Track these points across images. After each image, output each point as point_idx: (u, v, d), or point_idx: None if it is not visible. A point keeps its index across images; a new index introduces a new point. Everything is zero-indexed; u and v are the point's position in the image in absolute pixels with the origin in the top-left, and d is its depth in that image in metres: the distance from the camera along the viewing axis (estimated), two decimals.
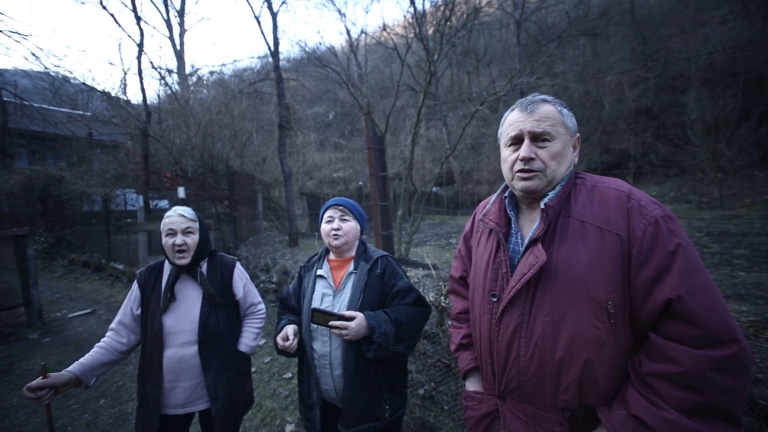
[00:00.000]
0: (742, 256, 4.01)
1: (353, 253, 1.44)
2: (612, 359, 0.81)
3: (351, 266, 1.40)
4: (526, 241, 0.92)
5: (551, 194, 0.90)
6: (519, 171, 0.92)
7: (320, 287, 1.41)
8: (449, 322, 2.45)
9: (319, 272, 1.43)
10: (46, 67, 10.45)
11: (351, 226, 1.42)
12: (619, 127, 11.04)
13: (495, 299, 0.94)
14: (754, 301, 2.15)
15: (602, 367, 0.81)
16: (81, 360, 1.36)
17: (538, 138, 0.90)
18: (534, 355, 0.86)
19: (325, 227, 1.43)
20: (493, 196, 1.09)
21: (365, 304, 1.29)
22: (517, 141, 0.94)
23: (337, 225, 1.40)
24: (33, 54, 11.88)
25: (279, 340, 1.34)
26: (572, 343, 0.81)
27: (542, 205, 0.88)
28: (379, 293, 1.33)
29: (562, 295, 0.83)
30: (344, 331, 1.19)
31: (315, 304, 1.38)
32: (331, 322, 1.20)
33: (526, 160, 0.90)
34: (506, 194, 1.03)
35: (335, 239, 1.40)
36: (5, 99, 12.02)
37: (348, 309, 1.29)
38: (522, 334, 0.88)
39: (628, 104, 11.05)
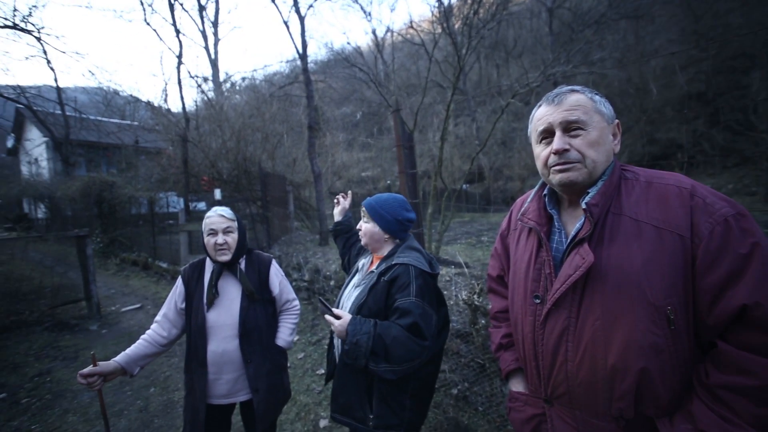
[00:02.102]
0: None
1: (385, 252, 1.43)
2: (672, 368, 0.75)
3: (375, 265, 1.41)
4: (569, 240, 0.86)
5: (592, 191, 0.83)
6: (554, 165, 0.86)
7: (356, 277, 1.49)
8: (482, 321, 2.39)
9: (361, 263, 1.51)
10: (100, 83, 11.45)
11: (368, 227, 1.42)
12: (665, 116, 10.20)
13: (538, 301, 0.89)
14: None
15: (661, 375, 0.75)
16: (126, 351, 1.47)
17: (570, 128, 0.85)
18: (583, 361, 0.80)
19: None
20: (531, 193, 1.03)
21: (365, 308, 1.27)
22: (548, 134, 0.89)
23: (360, 225, 1.47)
24: (90, 71, 13.05)
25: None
26: (627, 350, 0.75)
27: (583, 205, 0.82)
28: (381, 301, 1.26)
29: (614, 298, 0.77)
30: (332, 327, 1.23)
31: (346, 291, 1.45)
32: (326, 316, 1.25)
33: (560, 152, 0.84)
34: (545, 191, 0.97)
35: (361, 239, 1.47)
36: (67, 114, 13.31)
37: (352, 306, 1.31)
38: (569, 338, 0.83)
39: (676, 90, 10.16)
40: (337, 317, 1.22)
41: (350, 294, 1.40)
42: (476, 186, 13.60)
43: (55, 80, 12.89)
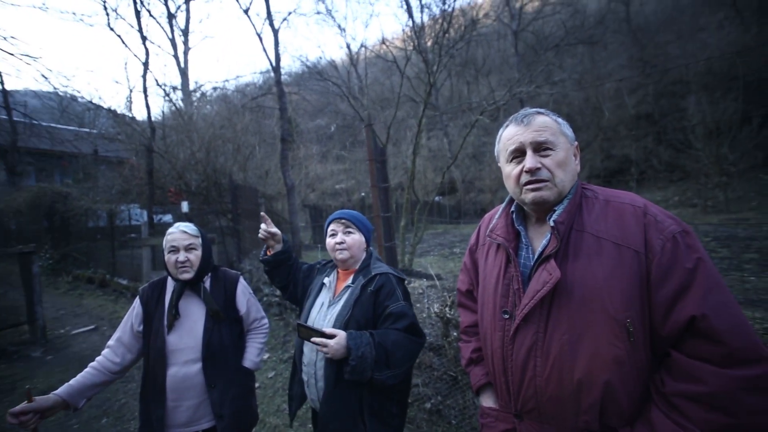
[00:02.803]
0: (752, 260, 3.95)
1: (358, 265, 1.42)
2: (633, 379, 0.79)
3: (350, 279, 1.38)
4: (536, 256, 0.90)
5: (559, 209, 0.88)
6: (527, 183, 0.90)
7: (322, 295, 1.42)
8: (455, 333, 2.41)
9: (326, 280, 1.44)
10: (55, 87, 10.71)
11: (355, 239, 1.40)
12: (619, 133, 11.07)
13: (507, 316, 0.92)
14: (767, 308, 2.10)
15: (623, 387, 0.78)
16: (70, 382, 1.32)
17: (540, 148, 0.89)
18: (552, 375, 0.83)
19: (329, 241, 1.43)
20: (499, 209, 1.07)
21: (352, 321, 1.25)
22: (519, 154, 0.92)
23: (341, 239, 1.39)
24: (43, 75, 12.23)
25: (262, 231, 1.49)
26: (592, 363, 0.79)
27: (551, 222, 0.86)
28: (369, 312, 1.28)
29: (579, 312, 0.81)
30: (324, 349, 1.17)
31: (314, 312, 1.39)
32: (313, 339, 1.20)
33: (533, 170, 0.88)
34: (513, 208, 1.01)
35: (340, 253, 1.39)
36: (15, 119, 12.32)
37: (336, 323, 1.28)
38: (537, 353, 0.85)
39: (628, 110, 11.10)
40: (330, 336, 1.17)
41: (324, 313, 1.36)
42: (449, 198, 13.93)
43: (1, 83, 11.95)
